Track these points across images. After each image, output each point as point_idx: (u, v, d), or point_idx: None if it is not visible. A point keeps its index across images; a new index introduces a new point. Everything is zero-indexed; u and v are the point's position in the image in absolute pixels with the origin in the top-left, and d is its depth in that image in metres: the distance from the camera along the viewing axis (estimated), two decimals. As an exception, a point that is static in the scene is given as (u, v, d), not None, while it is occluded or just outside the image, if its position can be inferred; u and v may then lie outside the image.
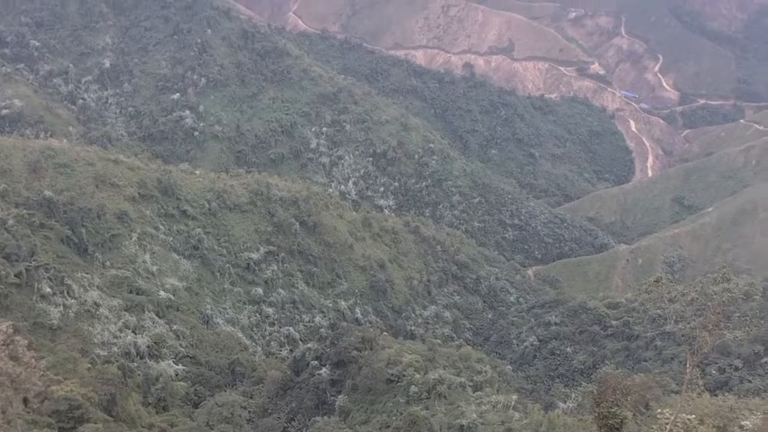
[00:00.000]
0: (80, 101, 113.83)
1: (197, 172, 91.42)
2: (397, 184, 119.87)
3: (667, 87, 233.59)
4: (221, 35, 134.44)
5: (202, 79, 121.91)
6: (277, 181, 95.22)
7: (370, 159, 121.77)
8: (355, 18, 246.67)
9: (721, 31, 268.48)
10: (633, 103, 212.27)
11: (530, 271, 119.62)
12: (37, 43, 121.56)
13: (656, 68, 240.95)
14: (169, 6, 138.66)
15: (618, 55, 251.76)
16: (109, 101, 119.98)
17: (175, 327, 67.03)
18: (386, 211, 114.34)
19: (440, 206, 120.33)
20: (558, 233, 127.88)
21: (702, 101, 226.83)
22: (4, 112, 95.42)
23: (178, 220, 79.04)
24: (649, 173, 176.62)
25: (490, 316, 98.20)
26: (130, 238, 72.23)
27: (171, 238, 76.28)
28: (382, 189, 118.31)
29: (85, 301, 62.34)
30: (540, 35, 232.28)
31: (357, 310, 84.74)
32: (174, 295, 70.84)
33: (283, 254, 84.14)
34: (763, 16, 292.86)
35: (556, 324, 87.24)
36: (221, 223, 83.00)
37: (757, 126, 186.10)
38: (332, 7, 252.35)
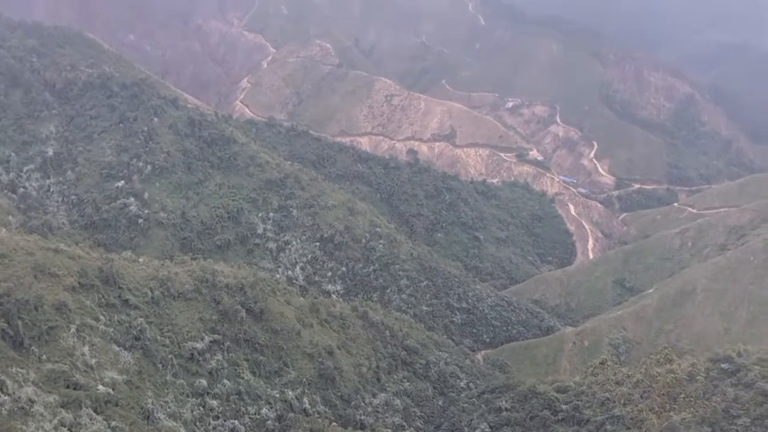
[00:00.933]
0: (21, 190, 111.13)
1: (141, 259, 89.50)
2: (344, 268, 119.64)
3: (603, 172, 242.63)
4: (168, 123, 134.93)
5: (148, 166, 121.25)
6: (223, 267, 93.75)
7: (318, 244, 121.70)
8: (301, 106, 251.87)
9: (650, 119, 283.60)
10: (571, 188, 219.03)
11: (479, 356, 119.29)
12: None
13: (591, 154, 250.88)
14: (116, 95, 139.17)
15: (555, 142, 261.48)
16: (51, 189, 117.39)
17: (113, 423, 63.71)
18: (334, 296, 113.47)
19: (388, 290, 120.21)
20: (505, 316, 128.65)
21: (637, 186, 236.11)
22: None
23: (120, 309, 76.62)
24: (591, 256, 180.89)
25: (440, 402, 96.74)
26: (69, 330, 69.42)
27: (111, 329, 73.67)
28: (329, 274, 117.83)
29: (19, 397, 59.14)
30: (480, 123, 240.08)
31: (305, 399, 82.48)
32: (113, 389, 67.74)
33: (228, 343, 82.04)
34: (689, 105, 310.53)
35: (506, 410, 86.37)
36: (164, 312, 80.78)
37: (690, 209, 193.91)
38: (279, 96, 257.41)
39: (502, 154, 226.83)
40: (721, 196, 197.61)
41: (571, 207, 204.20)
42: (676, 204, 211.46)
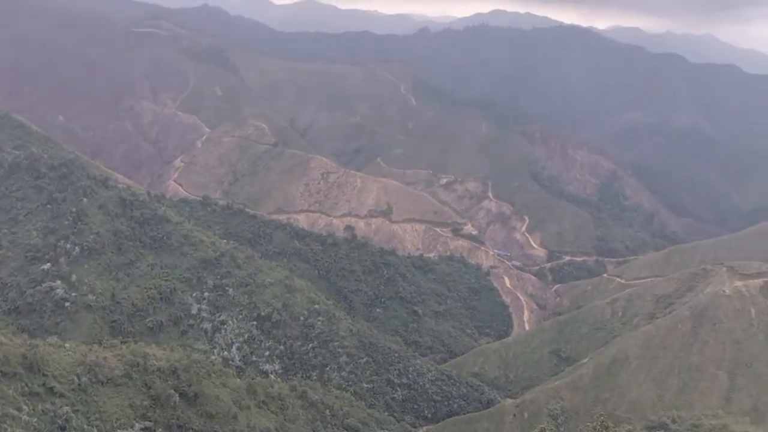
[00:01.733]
0: None
1: (67, 345, 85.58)
2: (282, 347, 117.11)
3: (535, 245, 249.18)
4: (98, 204, 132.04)
5: (76, 248, 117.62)
6: (155, 350, 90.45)
7: (255, 323, 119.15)
8: (237, 185, 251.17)
9: (577, 194, 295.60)
10: (506, 261, 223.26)
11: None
12: None
13: (523, 228, 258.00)
14: (44, 176, 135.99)
15: (488, 217, 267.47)
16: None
17: None
18: (272, 376, 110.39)
19: (328, 368, 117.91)
20: (446, 390, 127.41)
21: (567, 258, 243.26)
22: None
23: (44, 398, 72.59)
24: (527, 327, 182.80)
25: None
26: (-12, 422, 65.41)
27: (35, 419, 69.50)
28: (267, 353, 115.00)
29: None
30: (415, 199, 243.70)
31: (243, 486, 79.19)
32: (36, 484, 63.74)
33: (160, 430, 78.45)
34: (612, 180, 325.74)
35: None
36: (92, 400, 76.91)
37: (619, 279, 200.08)
38: (214, 175, 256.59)
39: (437, 229, 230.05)
40: (648, 266, 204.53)
41: (507, 279, 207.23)
42: (605, 275, 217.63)
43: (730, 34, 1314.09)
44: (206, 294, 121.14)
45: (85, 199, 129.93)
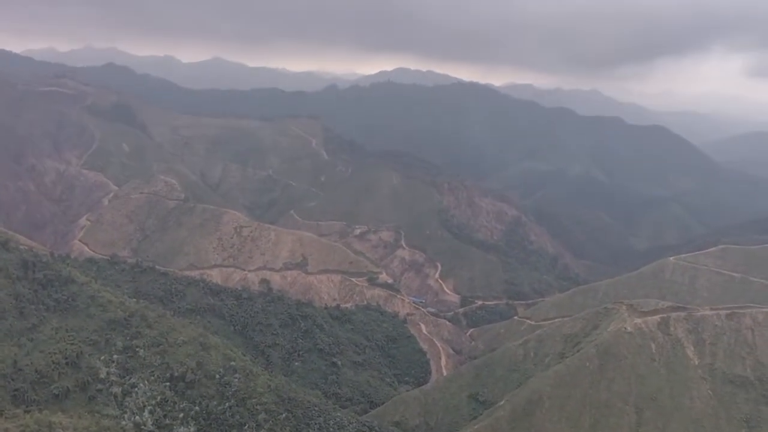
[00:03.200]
0: None
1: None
2: (198, 408, 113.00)
3: (448, 291, 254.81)
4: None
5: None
6: (61, 418, 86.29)
7: (168, 384, 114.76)
8: (146, 242, 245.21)
9: (485, 240, 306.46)
10: (421, 308, 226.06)
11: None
12: None
13: (436, 275, 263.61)
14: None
15: (402, 265, 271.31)
16: None
17: None
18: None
19: (245, 427, 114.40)
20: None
21: (479, 302, 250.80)
22: None
23: (-61, 477, 67.97)
24: (444, 372, 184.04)
25: None
26: None
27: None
28: (181, 415, 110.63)
29: None
30: (330, 250, 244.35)
31: None
32: None
33: (69, 502, 74.29)
34: (517, 226, 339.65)
35: None
36: (-7, 475, 72.47)
37: (529, 321, 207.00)
38: (122, 233, 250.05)
39: (353, 279, 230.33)
40: (555, 307, 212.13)
41: (423, 326, 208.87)
42: (516, 317, 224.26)
43: (613, 90, 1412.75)
44: (115, 356, 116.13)
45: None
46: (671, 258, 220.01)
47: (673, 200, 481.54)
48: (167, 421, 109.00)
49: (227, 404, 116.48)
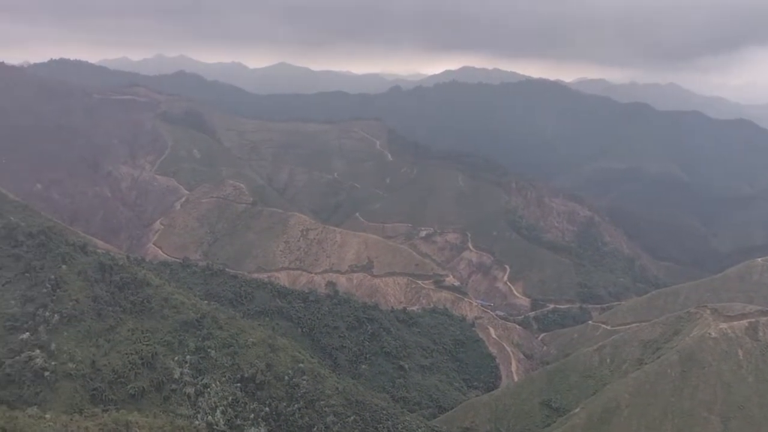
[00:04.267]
0: None
1: (47, 416, 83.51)
2: (267, 409, 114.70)
3: (518, 294, 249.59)
4: (77, 270, 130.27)
5: (55, 315, 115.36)
6: (137, 417, 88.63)
7: (238, 385, 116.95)
8: (216, 245, 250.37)
9: (556, 241, 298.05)
10: (489, 311, 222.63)
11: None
12: None
13: (505, 278, 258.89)
14: (21, 244, 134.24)
15: (469, 268, 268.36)
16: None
17: None
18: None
19: (314, 429, 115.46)
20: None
21: (551, 306, 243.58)
22: None
23: (24, 472, 70.73)
24: (515, 378, 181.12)
25: None
26: (-34, 500, 63.33)
27: (15, 494, 67.60)
28: (252, 416, 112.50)
29: None
30: (396, 252, 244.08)
31: None
32: None
33: (145, 500, 76.35)
34: (590, 227, 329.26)
35: None
36: (74, 472, 74.99)
37: (604, 326, 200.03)
38: (193, 237, 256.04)
39: (419, 282, 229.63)
40: (632, 311, 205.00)
41: (492, 330, 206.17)
42: (590, 321, 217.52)
43: (692, 83, 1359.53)
44: (188, 357, 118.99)
45: (63, 266, 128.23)
46: (759, 259, 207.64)
47: (760, 198, 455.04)
48: (238, 422, 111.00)
49: (296, 406, 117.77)
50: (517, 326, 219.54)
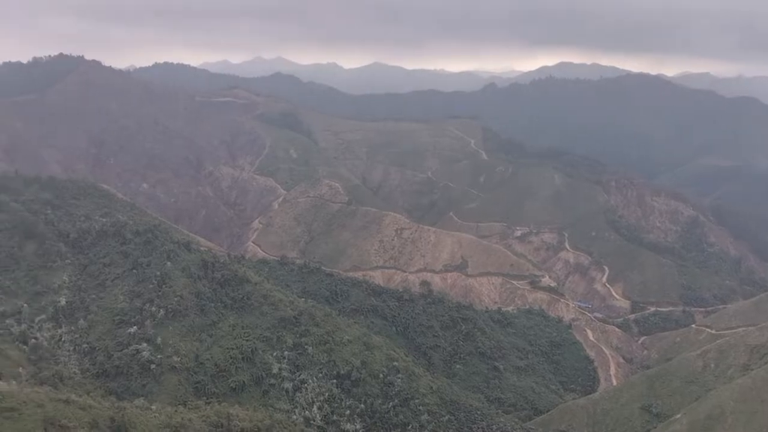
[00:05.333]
0: (32, 341, 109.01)
1: (153, 407, 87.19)
2: (363, 406, 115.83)
3: (617, 296, 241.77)
4: (181, 267, 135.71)
5: (161, 310, 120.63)
6: (238, 410, 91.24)
7: (334, 381, 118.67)
8: (313, 244, 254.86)
9: (658, 242, 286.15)
10: (587, 313, 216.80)
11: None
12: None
13: (604, 279, 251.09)
14: (129, 242, 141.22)
15: (566, 268, 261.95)
16: (63, 339, 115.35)
17: None
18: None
19: (409, 427, 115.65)
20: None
21: (652, 308, 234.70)
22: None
23: (133, 460, 73.83)
24: (614, 382, 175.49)
25: None
26: (80, 483, 66.64)
27: (124, 481, 70.73)
28: (348, 412, 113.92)
29: None
30: (490, 252, 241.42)
31: None
32: None
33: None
34: (694, 227, 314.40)
35: None
36: (179, 461, 77.78)
37: (708, 330, 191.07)
38: (290, 235, 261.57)
39: (514, 282, 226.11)
40: (738, 315, 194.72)
41: (589, 332, 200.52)
42: (694, 325, 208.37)
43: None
44: (286, 353, 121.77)
45: (168, 263, 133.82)
46: None
47: None
48: (334, 418, 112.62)
49: (391, 404, 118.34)
50: (617, 329, 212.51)
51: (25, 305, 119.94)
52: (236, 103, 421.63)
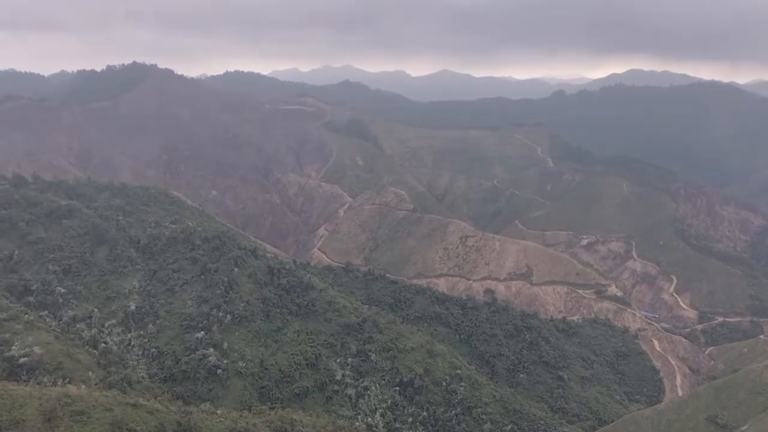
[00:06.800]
0: (102, 345, 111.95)
1: (219, 411, 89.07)
2: (425, 413, 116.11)
3: (684, 306, 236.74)
4: (247, 273, 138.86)
5: (228, 316, 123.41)
6: (301, 416, 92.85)
7: (397, 388, 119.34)
8: (378, 251, 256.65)
9: (727, 252, 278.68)
10: (654, 323, 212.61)
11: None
12: (62, 290, 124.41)
13: (671, 289, 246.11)
14: (198, 248, 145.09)
15: (633, 278, 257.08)
16: (132, 343, 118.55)
17: None
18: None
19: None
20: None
21: (720, 319, 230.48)
22: (23, 360, 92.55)
23: (199, 463, 75.96)
24: (679, 392, 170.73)
25: None
26: (148, 485, 69.00)
27: (192, 483, 72.86)
28: (410, 419, 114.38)
29: None
30: (556, 261, 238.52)
31: None
32: None
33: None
34: (764, 237, 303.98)
35: None
36: (244, 465, 79.59)
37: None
38: (355, 242, 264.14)
39: (580, 291, 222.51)
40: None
41: (656, 343, 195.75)
42: (762, 336, 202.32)
43: None
44: (350, 359, 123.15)
45: (235, 269, 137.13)
46: None
47: None
48: (397, 425, 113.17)
49: (453, 412, 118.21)
50: (683, 339, 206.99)
51: (96, 310, 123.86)
52: (304, 111, 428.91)
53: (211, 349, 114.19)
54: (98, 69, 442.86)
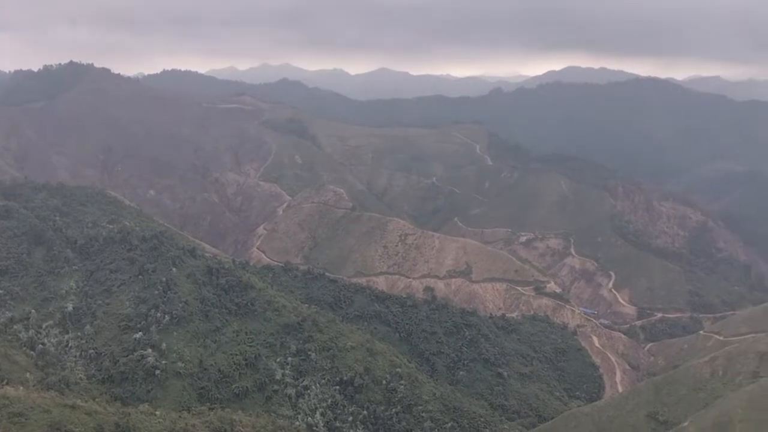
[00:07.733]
0: (39, 346, 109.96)
1: (157, 412, 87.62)
2: (366, 412, 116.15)
3: (623, 302, 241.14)
4: (186, 273, 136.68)
5: (166, 316, 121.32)
6: (241, 417, 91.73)
7: (337, 387, 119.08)
8: (317, 250, 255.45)
9: (666, 247, 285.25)
10: (593, 320, 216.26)
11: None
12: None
13: (610, 285, 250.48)
14: (135, 248, 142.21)
15: (572, 274, 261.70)
16: (70, 344, 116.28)
17: None
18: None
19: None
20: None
21: (659, 315, 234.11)
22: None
23: (136, 465, 74.42)
24: (620, 389, 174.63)
25: None
26: (83, 489, 67.22)
27: (128, 486, 71.29)
28: (350, 418, 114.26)
29: None
30: (495, 258, 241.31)
31: None
32: None
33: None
34: (703, 232, 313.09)
35: None
36: (181, 467, 78.27)
37: (717, 336, 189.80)
38: (294, 241, 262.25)
39: (519, 288, 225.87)
40: (748, 321, 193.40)
41: (595, 339, 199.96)
42: (702, 332, 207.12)
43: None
44: (289, 359, 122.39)
45: (174, 269, 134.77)
46: None
47: None
48: (337, 424, 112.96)
49: (394, 410, 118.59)
50: (623, 335, 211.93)
51: (33, 311, 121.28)
52: (243, 109, 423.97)
53: (150, 350, 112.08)
54: (35, 69, 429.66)
